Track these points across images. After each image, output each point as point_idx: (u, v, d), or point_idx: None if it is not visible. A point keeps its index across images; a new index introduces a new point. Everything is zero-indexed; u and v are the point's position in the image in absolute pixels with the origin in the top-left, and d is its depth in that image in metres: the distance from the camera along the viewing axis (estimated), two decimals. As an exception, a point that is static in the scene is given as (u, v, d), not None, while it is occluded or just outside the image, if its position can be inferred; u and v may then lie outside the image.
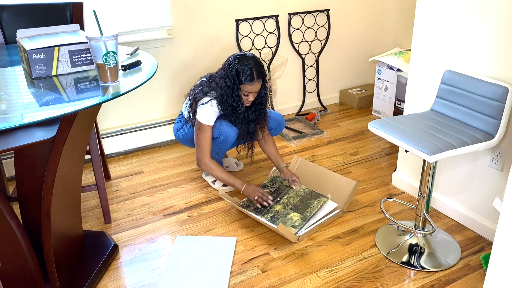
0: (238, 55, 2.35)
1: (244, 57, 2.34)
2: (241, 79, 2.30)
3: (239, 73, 2.30)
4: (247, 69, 2.29)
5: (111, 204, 2.51)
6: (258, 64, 2.35)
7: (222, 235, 2.24)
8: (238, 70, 2.30)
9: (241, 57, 2.34)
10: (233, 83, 2.32)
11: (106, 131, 3.01)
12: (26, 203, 1.90)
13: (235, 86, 2.32)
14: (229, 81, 2.32)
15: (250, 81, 2.30)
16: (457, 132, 1.87)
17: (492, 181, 2.09)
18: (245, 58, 2.33)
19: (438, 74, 2.20)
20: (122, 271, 2.03)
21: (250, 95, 2.36)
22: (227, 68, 2.35)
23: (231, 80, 2.32)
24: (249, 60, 2.32)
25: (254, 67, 2.31)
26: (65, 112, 1.37)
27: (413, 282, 1.93)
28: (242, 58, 2.33)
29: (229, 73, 2.32)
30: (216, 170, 2.43)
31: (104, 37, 1.49)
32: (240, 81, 2.31)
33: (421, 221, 2.08)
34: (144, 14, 2.89)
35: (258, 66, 2.33)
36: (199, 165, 2.49)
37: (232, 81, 2.32)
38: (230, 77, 2.32)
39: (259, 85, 2.36)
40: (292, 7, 3.40)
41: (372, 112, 3.62)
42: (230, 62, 2.35)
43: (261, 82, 2.36)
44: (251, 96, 2.37)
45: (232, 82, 2.32)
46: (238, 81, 2.31)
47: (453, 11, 2.09)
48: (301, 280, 1.95)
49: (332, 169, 2.80)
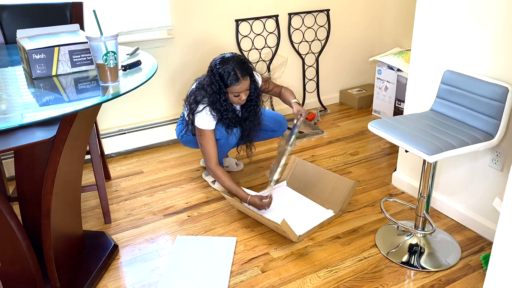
0: (218, 59, 2.31)
1: (224, 59, 2.29)
2: (226, 83, 2.27)
3: (223, 77, 2.26)
4: (229, 71, 2.25)
5: (111, 204, 2.51)
6: (240, 62, 2.29)
7: (222, 235, 2.24)
8: (221, 73, 2.26)
9: (221, 60, 2.29)
10: (219, 88, 2.28)
11: (106, 131, 3.01)
12: (26, 203, 1.90)
13: (221, 91, 2.29)
14: (214, 87, 2.29)
15: (236, 81, 2.26)
16: (457, 132, 1.87)
17: (492, 181, 2.09)
18: (226, 60, 2.28)
19: (438, 74, 2.20)
20: (122, 271, 2.03)
21: (242, 94, 2.32)
22: (210, 74, 2.31)
23: (216, 85, 2.28)
24: (229, 61, 2.27)
25: (236, 66, 2.26)
26: (65, 112, 1.37)
27: (413, 282, 1.93)
28: (223, 61, 2.28)
29: (213, 79, 2.28)
30: (222, 178, 2.38)
31: (104, 37, 1.49)
32: (226, 84, 2.27)
33: (421, 221, 2.08)
34: (144, 14, 2.89)
35: (240, 64, 2.28)
36: (208, 171, 2.47)
37: (217, 87, 2.28)
38: (215, 83, 2.28)
39: (247, 82, 2.31)
40: (292, 7, 3.40)
41: (372, 112, 3.62)
42: (212, 67, 2.31)
43: (248, 79, 2.32)
44: (243, 95, 2.33)
45: (218, 87, 2.28)
46: (224, 84, 2.28)
47: (453, 11, 2.09)
48: (301, 280, 1.95)
49: (332, 169, 2.80)
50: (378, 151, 3.06)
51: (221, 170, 2.39)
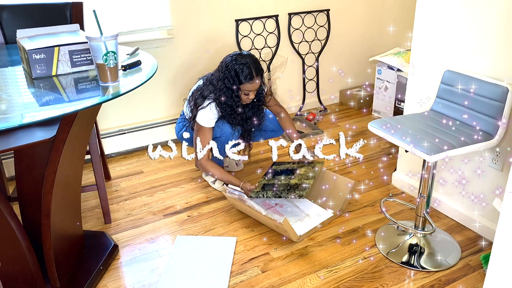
0: (234, 55, 2.33)
1: (241, 56, 2.32)
2: (241, 79, 2.29)
3: (238, 73, 2.28)
4: (246, 69, 2.28)
5: (111, 204, 2.51)
6: (256, 61, 2.33)
7: (222, 235, 2.24)
8: (237, 70, 2.28)
9: (237, 56, 2.31)
10: (233, 83, 2.30)
11: (106, 131, 3.01)
12: (26, 203, 1.90)
13: (235, 87, 2.31)
14: (228, 83, 2.31)
15: (250, 79, 2.29)
16: (457, 132, 1.87)
17: (492, 181, 2.09)
18: (242, 57, 2.31)
19: (438, 74, 2.20)
20: (122, 271, 2.03)
21: (251, 93, 2.35)
22: (225, 69, 2.32)
23: (230, 81, 2.30)
24: (246, 59, 2.30)
25: (252, 65, 2.29)
26: (65, 112, 1.37)
27: (413, 282, 1.93)
28: (239, 58, 2.30)
29: (228, 74, 2.30)
30: (213, 169, 2.42)
31: (104, 37, 1.49)
32: (240, 81, 2.30)
33: (421, 221, 2.08)
34: (144, 14, 2.89)
35: (255, 63, 2.32)
36: (196, 165, 2.50)
37: (231, 82, 2.30)
38: (229, 78, 2.30)
39: (259, 82, 2.35)
40: (292, 7, 3.40)
41: (372, 112, 3.62)
42: (227, 63, 2.32)
43: (260, 79, 2.35)
44: (252, 94, 2.36)
45: (232, 83, 2.30)
46: (238, 81, 2.30)
47: (453, 11, 2.09)
48: (301, 280, 1.95)
49: (332, 169, 2.81)
50: (378, 151, 3.06)
51: (211, 163, 2.43)
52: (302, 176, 2.36)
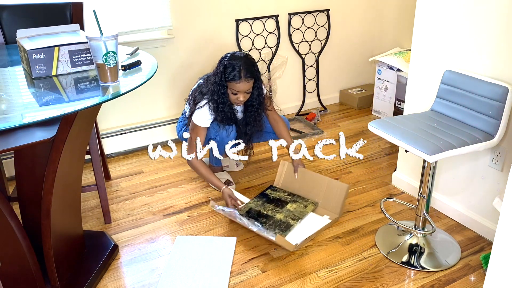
0: (231, 53, 2.34)
1: (235, 55, 2.32)
2: (227, 76, 2.29)
3: (226, 70, 2.29)
4: (234, 67, 2.27)
5: (111, 204, 2.51)
6: (249, 63, 2.30)
7: (222, 235, 2.24)
8: (226, 66, 2.29)
9: (232, 55, 2.32)
10: (220, 79, 2.31)
11: (106, 131, 3.01)
12: (26, 203, 1.90)
13: (222, 82, 2.31)
14: (217, 77, 2.32)
15: (236, 78, 2.27)
16: (457, 132, 1.87)
17: (492, 181, 2.09)
18: (236, 57, 2.31)
19: (438, 74, 2.20)
20: (122, 271, 2.03)
21: (239, 94, 2.32)
22: (218, 65, 2.35)
23: (218, 76, 2.31)
24: (239, 59, 2.29)
25: (243, 66, 2.27)
26: (65, 112, 1.37)
27: (413, 282, 1.93)
28: (233, 56, 2.31)
29: (218, 69, 2.33)
30: (200, 169, 2.42)
31: (104, 37, 1.49)
32: (227, 78, 2.29)
33: (421, 221, 2.08)
34: (144, 14, 2.89)
35: (247, 65, 2.29)
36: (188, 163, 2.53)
37: (219, 77, 2.31)
38: (218, 73, 2.32)
39: (248, 85, 2.31)
40: (292, 7, 3.40)
41: (372, 112, 3.62)
42: (221, 59, 2.35)
43: (250, 83, 2.31)
44: (240, 95, 2.33)
45: (220, 78, 2.31)
46: (225, 77, 2.30)
47: (453, 11, 2.09)
48: (301, 280, 1.95)
49: (332, 169, 2.81)
50: (378, 151, 3.06)
51: (199, 162, 2.42)
52: (289, 213, 2.30)
